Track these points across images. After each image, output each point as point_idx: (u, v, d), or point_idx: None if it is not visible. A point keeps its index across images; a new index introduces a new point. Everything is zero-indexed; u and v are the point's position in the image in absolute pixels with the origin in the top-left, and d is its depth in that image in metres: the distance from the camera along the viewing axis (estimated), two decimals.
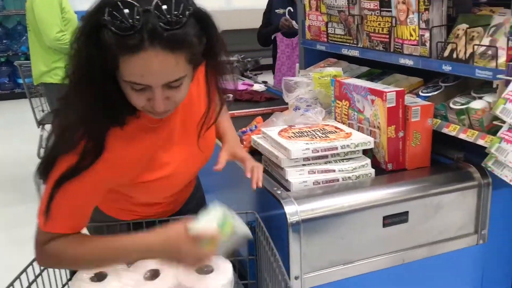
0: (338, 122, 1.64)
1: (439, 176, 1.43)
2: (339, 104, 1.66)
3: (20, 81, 6.63)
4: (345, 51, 1.97)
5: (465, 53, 1.41)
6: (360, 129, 1.55)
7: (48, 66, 3.16)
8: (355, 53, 1.90)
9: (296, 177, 1.36)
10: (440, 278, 1.44)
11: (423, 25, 1.52)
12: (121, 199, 1.22)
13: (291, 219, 1.22)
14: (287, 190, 1.34)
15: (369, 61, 2.02)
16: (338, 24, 2.01)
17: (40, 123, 4.09)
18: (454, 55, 1.44)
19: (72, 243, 1.07)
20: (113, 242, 1.08)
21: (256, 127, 1.73)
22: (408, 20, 1.57)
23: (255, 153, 1.61)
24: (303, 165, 1.38)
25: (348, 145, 1.39)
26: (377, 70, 2.01)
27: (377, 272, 1.34)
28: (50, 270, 1.18)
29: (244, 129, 1.77)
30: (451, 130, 1.45)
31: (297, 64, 2.61)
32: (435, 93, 1.57)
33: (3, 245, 3.17)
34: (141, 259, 1.14)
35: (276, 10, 3.41)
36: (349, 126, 1.58)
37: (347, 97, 1.60)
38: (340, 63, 2.26)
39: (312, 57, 2.44)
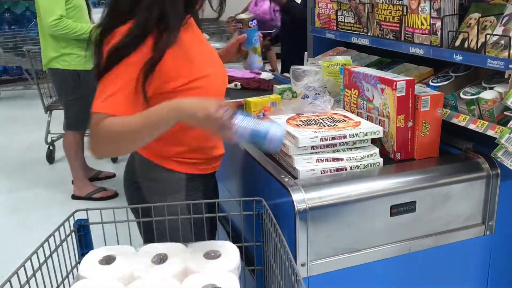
0: (347, 111, 1.64)
1: (447, 166, 1.43)
2: (348, 93, 1.65)
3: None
4: (355, 40, 1.96)
5: (477, 42, 1.40)
6: (369, 118, 1.54)
7: (57, 52, 3.15)
8: (365, 41, 1.89)
9: (304, 165, 1.36)
10: (446, 268, 1.44)
11: (434, 14, 1.51)
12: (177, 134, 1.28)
13: (298, 206, 1.22)
14: (295, 178, 1.35)
15: (379, 50, 2.01)
16: (348, 12, 2.00)
17: (48, 108, 4.10)
18: (466, 45, 1.43)
19: (119, 119, 1.16)
20: (150, 109, 1.16)
21: (264, 115, 1.73)
22: (419, 9, 1.56)
23: None
24: (311, 153, 1.38)
25: (357, 134, 1.39)
26: (387, 59, 1.99)
27: (383, 260, 1.35)
28: (59, 252, 1.19)
29: (252, 115, 1.76)
30: (461, 120, 1.44)
31: (306, 53, 2.60)
32: (445, 83, 1.57)
33: (12, 228, 3.20)
34: (172, 117, 1.15)
35: None
36: (358, 115, 1.57)
37: (356, 85, 1.60)
38: (349, 52, 2.25)
39: (321, 46, 2.43)
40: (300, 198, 1.23)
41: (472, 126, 1.39)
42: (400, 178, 1.36)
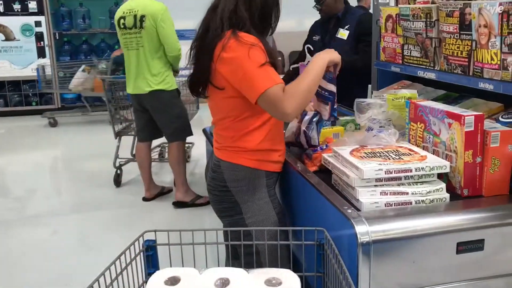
0: (412, 144, 1.63)
1: None
2: (413, 126, 1.64)
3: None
4: (421, 74, 1.95)
5: None
6: (435, 153, 1.52)
7: (160, 75, 3.67)
8: (431, 75, 1.88)
9: (368, 197, 1.36)
10: None
11: (505, 49, 1.49)
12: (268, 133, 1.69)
13: (361, 239, 1.22)
14: (358, 210, 1.35)
15: (444, 85, 1.99)
16: (414, 46, 2.00)
17: (118, 134, 4.37)
18: None
19: (293, 82, 1.58)
20: (308, 66, 1.64)
21: (327, 146, 1.74)
22: (489, 44, 1.54)
23: (325, 171, 1.62)
24: (375, 185, 1.38)
25: (423, 168, 1.37)
26: (454, 93, 1.97)
27: None
28: (127, 271, 1.25)
29: (314, 148, 1.79)
30: None
31: (369, 85, 2.61)
32: None
33: (80, 249, 3.35)
34: (323, 63, 1.63)
35: (313, 37, 3.22)
36: (423, 149, 1.56)
37: (422, 119, 1.59)
38: (415, 86, 2.24)
39: (385, 79, 2.44)
40: (364, 231, 1.23)
41: None
42: (468, 215, 1.33)
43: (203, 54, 1.66)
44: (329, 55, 1.65)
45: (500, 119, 1.57)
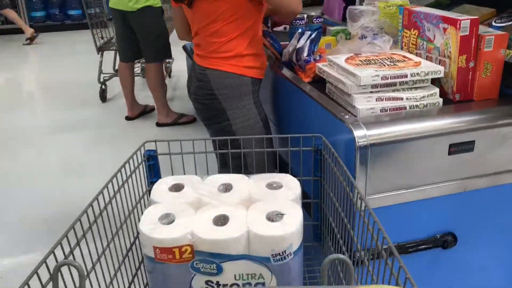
0: (405, 51, 1.63)
1: (508, 107, 1.42)
2: (407, 33, 1.64)
3: (70, 12, 6.75)
4: None
5: None
6: (428, 59, 1.54)
7: None
8: None
9: (364, 103, 1.38)
10: (501, 209, 1.46)
11: None
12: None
13: (359, 142, 1.26)
14: (354, 116, 1.37)
15: None
16: None
17: (100, 49, 4.28)
18: None
19: None
20: None
21: (320, 56, 1.74)
22: None
23: (319, 82, 1.64)
24: (370, 92, 1.40)
25: (418, 73, 1.39)
26: (445, 0, 1.95)
27: (438, 198, 1.38)
28: (129, 182, 1.28)
29: (306, 57, 1.78)
30: None
31: None
32: (510, 23, 1.53)
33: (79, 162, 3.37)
34: None
35: None
36: (417, 56, 1.57)
37: (416, 26, 1.58)
38: None
39: None
40: (362, 134, 1.26)
41: None
42: (460, 118, 1.37)
43: None
44: None
45: (494, 24, 1.58)
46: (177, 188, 1.31)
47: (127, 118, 4.13)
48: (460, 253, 1.42)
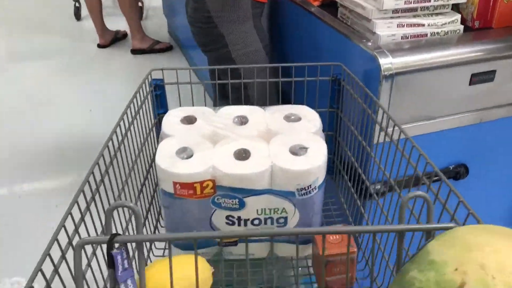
0: None
1: None
2: None
3: None
4: None
5: None
6: None
7: None
8: None
9: (385, 29, 1.30)
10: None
11: None
12: None
13: (385, 71, 1.19)
14: (374, 43, 1.30)
15: None
16: None
17: None
18: None
19: None
20: None
21: None
22: None
23: (329, 5, 1.53)
24: (391, 17, 1.32)
25: None
26: None
27: (454, 129, 1.36)
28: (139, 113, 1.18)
29: None
30: None
31: None
32: None
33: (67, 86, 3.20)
34: None
35: None
36: None
37: None
38: None
39: None
40: (387, 62, 1.20)
41: None
42: (483, 46, 1.32)
43: None
44: None
45: None
46: (189, 120, 1.23)
47: (99, 46, 3.90)
48: (471, 184, 1.42)
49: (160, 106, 1.30)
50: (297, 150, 1.11)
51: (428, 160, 0.84)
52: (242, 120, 1.22)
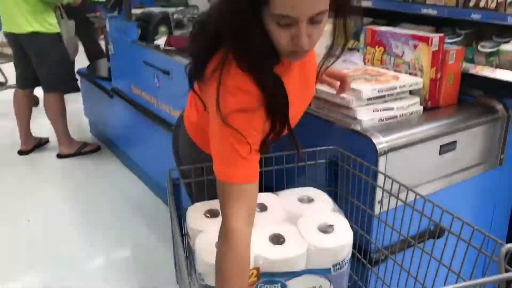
0: (369, 66, 1.80)
1: (475, 110, 1.66)
2: (370, 50, 1.81)
3: None
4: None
5: (492, 2, 1.63)
6: (397, 72, 1.72)
7: (37, 16, 3.24)
8: (368, 3, 2.05)
9: (364, 115, 1.50)
10: (475, 197, 1.70)
11: None
12: None
13: (380, 149, 1.37)
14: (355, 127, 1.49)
15: (368, 12, 2.18)
16: None
17: None
18: (481, 5, 1.66)
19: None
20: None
21: None
22: None
23: None
24: (366, 104, 1.52)
25: (404, 85, 1.56)
26: (382, 19, 2.18)
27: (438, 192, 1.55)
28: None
29: None
30: (479, 70, 1.68)
31: None
32: (458, 39, 1.79)
33: None
34: None
35: None
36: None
37: (382, 43, 1.76)
38: None
39: None
40: (380, 141, 1.38)
41: (491, 75, 1.64)
42: (445, 120, 1.57)
43: (199, 55, 1.16)
44: None
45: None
46: (212, 214, 1.28)
47: (20, 152, 3.74)
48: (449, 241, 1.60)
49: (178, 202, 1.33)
50: (326, 228, 1.21)
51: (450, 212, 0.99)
52: (262, 207, 1.30)
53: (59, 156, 3.68)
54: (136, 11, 3.07)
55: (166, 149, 1.79)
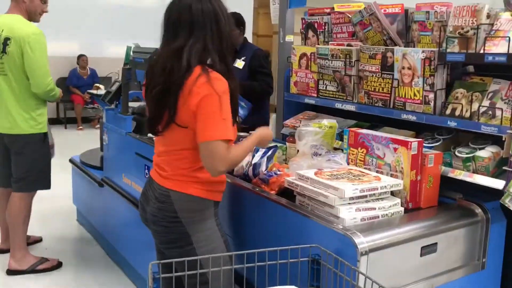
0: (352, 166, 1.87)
1: (454, 213, 1.70)
2: (353, 151, 1.89)
3: None
4: (339, 106, 2.24)
5: (466, 111, 1.75)
6: (379, 173, 1.78)
7: (28, 115, 3.07)
8: (351, 107, 2.17)
9: (347, 214, 1.54)
10: None
11: (427, 88, 1.84)
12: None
13: (361, 248, 1.39)
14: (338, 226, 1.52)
15: (351, 115, 2.30)
16: (330, 82, 2.29)
17: None
18: (457, 113, 1.77)
19: (238, 146, 1.73)
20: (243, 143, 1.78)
21: (279, 171, 1.89)
22: (413, 83, 1.88)
23: (287, 193, 1.76)
24: (349, 204, 1.57)
25: (385, 186, 1.61)
26: (365, 123, 2.29)
27: None
28: None
29: (265, 172, 1.91)
30: (457, 174, 1.75)
31: (274, 115, 2.84)
32: (437, 144, 1.88)
33: None
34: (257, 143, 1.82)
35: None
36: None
37: (364, 145, 1.84)
38: (321, 116, 2.52)
39: (289, 110, 2.69)
40: (361, 241, 1.40)
41: (469, 179, 1.71)
42: (426, 222, 1.61)
43: (169, 94, 1.63)
44: (266, 132, 1.87)
45: (425, 144, 1.92)
46: None
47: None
48: None
49: None
50: None
51: None
52: None
53: (9, 271, 3.21)
54: (132, 105, 3.18)
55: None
